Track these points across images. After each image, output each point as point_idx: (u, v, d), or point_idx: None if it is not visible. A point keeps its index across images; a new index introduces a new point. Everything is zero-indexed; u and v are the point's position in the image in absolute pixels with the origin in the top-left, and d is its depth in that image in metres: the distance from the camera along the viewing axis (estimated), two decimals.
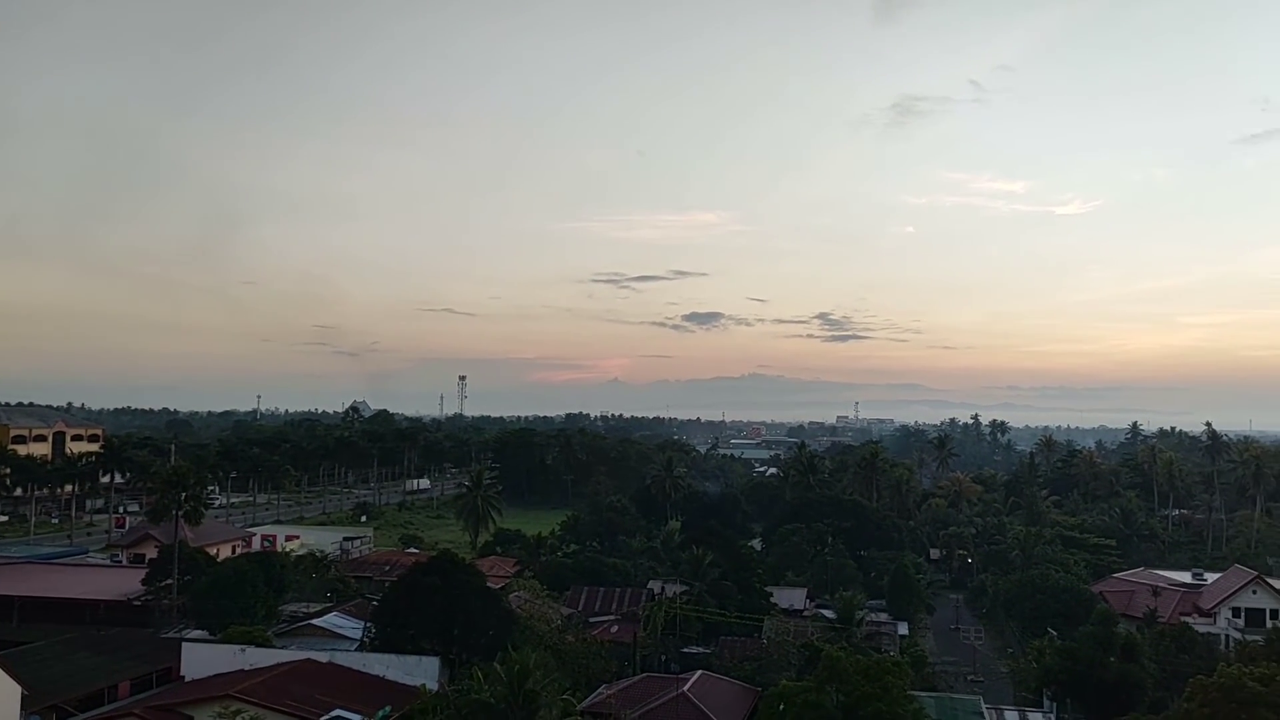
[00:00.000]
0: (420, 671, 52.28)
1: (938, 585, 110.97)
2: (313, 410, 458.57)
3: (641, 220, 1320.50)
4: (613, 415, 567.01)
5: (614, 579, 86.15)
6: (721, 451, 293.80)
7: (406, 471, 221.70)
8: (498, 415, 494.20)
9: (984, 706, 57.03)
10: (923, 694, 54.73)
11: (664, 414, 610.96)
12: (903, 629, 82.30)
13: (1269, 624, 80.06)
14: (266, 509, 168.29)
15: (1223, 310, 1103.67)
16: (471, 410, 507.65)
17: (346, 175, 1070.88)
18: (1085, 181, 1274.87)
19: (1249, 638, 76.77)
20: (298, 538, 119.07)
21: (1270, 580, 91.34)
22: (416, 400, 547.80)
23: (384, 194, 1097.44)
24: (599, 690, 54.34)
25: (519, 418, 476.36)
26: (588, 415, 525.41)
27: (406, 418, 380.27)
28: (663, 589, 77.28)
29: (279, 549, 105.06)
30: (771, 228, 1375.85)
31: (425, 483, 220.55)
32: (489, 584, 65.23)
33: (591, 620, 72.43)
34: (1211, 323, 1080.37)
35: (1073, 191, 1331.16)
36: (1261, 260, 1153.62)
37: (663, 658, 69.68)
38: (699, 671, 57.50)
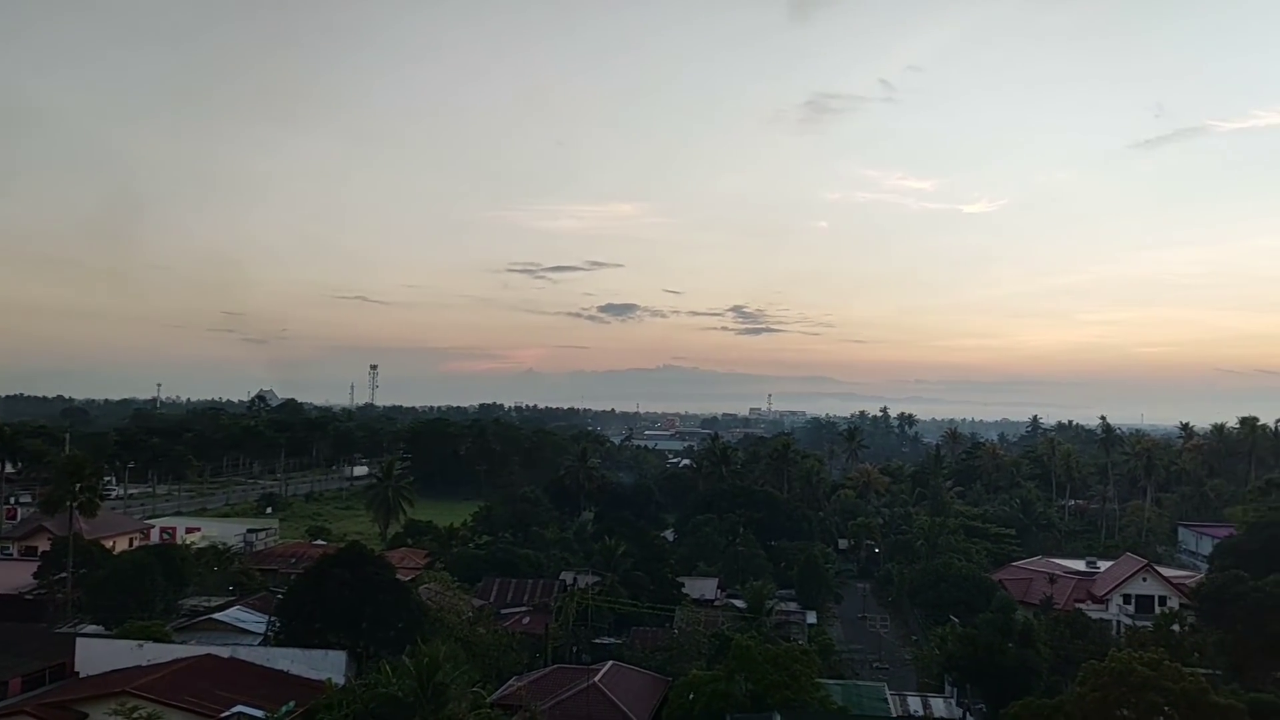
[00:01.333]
0: (326, 666, 51.23)
1: (845, 575, 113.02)
2: (217, 399, 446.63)
3: (559, 210, 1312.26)
4: (527, 406, 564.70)
5: (526, 570, 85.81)
6: (636, 443, 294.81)
7: (316, 462, 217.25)
8: (410, 405, 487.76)
9: (888, 693, 58.29)
10: (829, 681, 55.73)
11: (579, 405, 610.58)
12: (811, 618, 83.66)
13: (1157, 610, 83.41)
14: (167, 500, 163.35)
15: (1118, 308, 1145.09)
16: (383, 400, 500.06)
17: (259, 156, 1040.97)
18: (991, 181, 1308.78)
19: (1139, 623, 79.97)
20: (199, 530, 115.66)
21: (1159, 568, 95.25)
22: (327, 389, 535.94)
23: (298, 177, 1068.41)
24: (509, 682, 54.06)
25: (432, 408, 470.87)
26: (502, 406, 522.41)
27: (316, 407, 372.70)
28: (575, 580, 77.23)
29: (179, 541, 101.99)
30: (688, 220, 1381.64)
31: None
32: (399, 576, 64.27)
33: (503, 612, 72.02)
34: (1107, 320, 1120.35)
35: (980, 191, 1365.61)
36: (1154, 261, 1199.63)
37: (574, 649, 69.61)
38: (610, 662, 57.58)
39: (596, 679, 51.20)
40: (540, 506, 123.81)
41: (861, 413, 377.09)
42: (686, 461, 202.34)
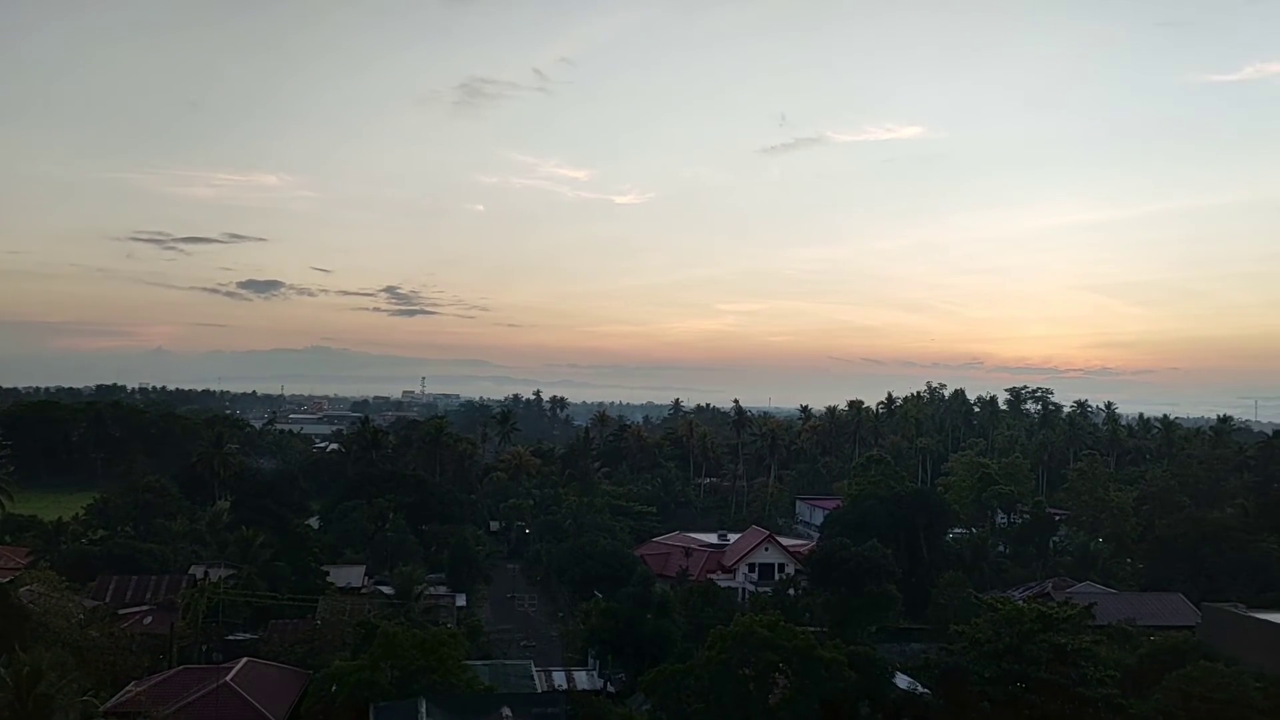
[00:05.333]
0: None
1: (497, 556, 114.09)
2: None
3: (192, 176, 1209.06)
4: (156, 387, 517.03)
5: (150, 566, 79.36)
6: (280, 427, 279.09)
7: None
8: (11, 386, 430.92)
9: (534, 670, 59.59)
10: (478, 663, 55.98)
11: (216, 387, 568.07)
12: (461, 600, 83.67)
13: (777, 576, 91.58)
14: None
15: (751, 299, 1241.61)
16: None
17: None
18: (641, 174, 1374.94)
19: (761, 590, 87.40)
20: None
21: (780, 538, 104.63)
22: None
23: None
24: (127, 688, 49.35)
25: (39, 389, 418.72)
26: (125, 387, 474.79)
27: None
28: (206, 574, 72.00)
29: None
30: (339, 196, 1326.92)
31: None
32: None
33: (122, 612, 65.86)
34: (742, 310, 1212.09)
35: (630, 183, 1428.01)
36: (782, 257, 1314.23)
37: (205, 648, 65.07)
38: (245, 659, 54.21)
39: (228, 678, 47.98)
40: (168, 496, 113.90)
41: (515, 396, 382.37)
42: (335, 446, 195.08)
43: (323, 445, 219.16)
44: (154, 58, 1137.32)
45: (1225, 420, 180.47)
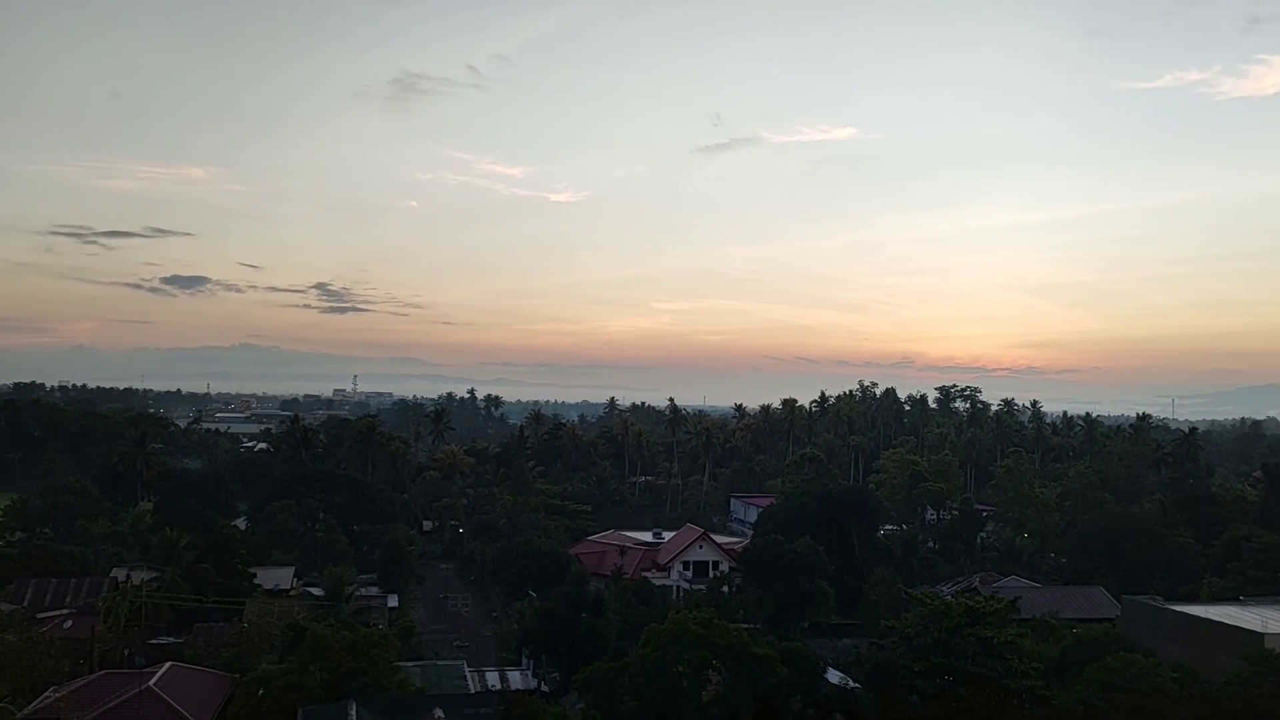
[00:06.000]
0: None
1: (430, 556, 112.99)
2: None
3: (115, 169, 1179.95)
4: (76, 385, 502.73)
5: (70, 568, 77.18)
6: (206, 426, 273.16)
7: None
8: None
9: (468, 670, 59.12)
10: (410, 664, 55.41)
11: (139, 385, 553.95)
12: (393, 601, 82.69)
13: (712, 574, 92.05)
14: None
15: (687, 298, 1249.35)
16: None
17: None
18: (577, 173, 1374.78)
19: (695, 587, 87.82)
20: None
21: (714, 536, 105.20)
22: None
23: None
24: (45, 694, 47.88)
25: None
26: (44, 385, 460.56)
27: None
28: (129, 577, 70.27)
29: None
30: (269, 190, 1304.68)
31: None
32: None
33: (41, 616, 64.31)
34: (677, 309, 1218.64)
35: (566, 181, 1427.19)
36: (718, 257, 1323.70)
37: (127, 652, 63.27)
38: (169, 663, 52.90)
39: (151, 683, 46.78)
40: (89, 497, 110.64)
41: (449, 394, 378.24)
42: (263, 445, 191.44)
43: (251, 444, 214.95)
44: (75, 47, 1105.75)
45: (1144, 418, 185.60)
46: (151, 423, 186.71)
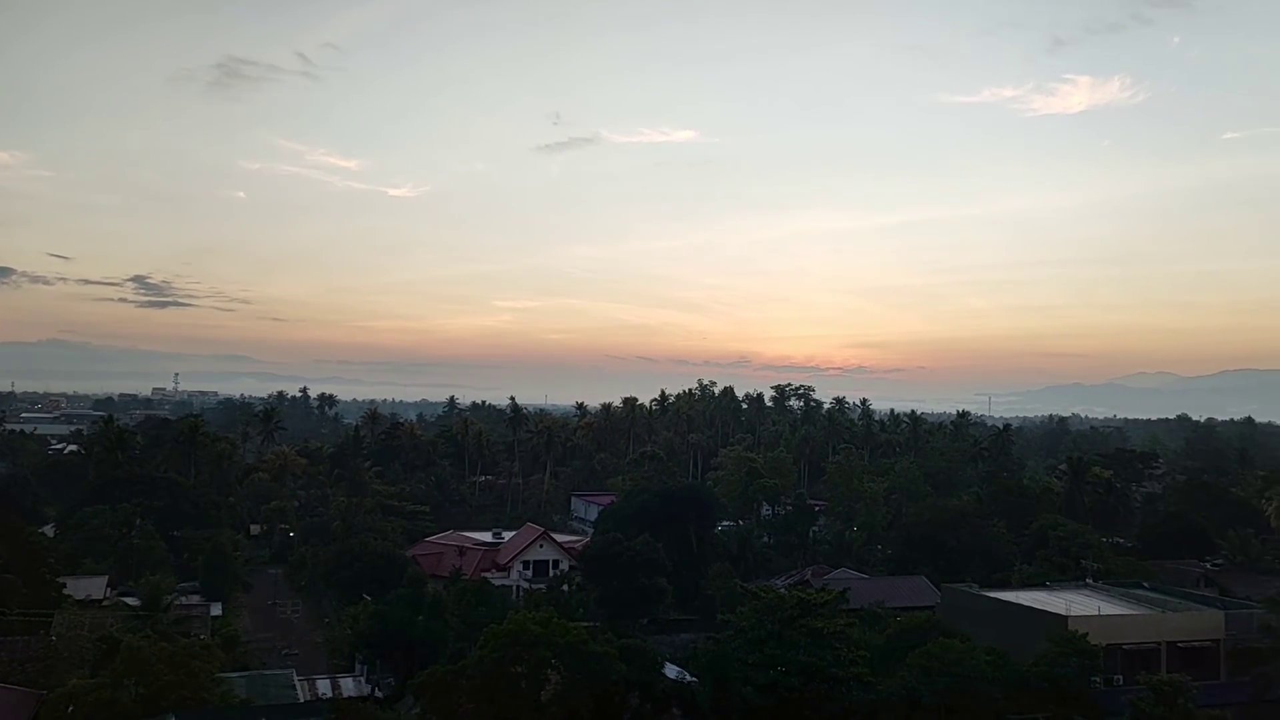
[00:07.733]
0: None
1: (257, 561, 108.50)
2: None
3: None
4: None
5: None
6: (10, 427, 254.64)
7: None
8: None
9: (297, 679, 57.04)
10: (234, 674, 53.18)
11: None
12: (216, 609, 78.80)
13: (552, 573, 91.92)
14: None
15: (528, 297, 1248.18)
16: None
17: None
18: (415, 167, 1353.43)
19: (536, 587, 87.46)
20: None
21: (555, 535, 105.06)
22: None
23: None
24: None
25: None
26: None
27: None
28: None
29: None
30: (80, 177, 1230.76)
31: None
32: None
33: None
34: (519, 307, 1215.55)
35: (404, 175, 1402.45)
36: (562, 256, 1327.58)
37: None
38: None
39: None
40: None
41: (280, 393, 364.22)
42: (74, 447, 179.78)
43: (60, 446, 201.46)
44: None
45: (963, 415, 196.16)
46: None
